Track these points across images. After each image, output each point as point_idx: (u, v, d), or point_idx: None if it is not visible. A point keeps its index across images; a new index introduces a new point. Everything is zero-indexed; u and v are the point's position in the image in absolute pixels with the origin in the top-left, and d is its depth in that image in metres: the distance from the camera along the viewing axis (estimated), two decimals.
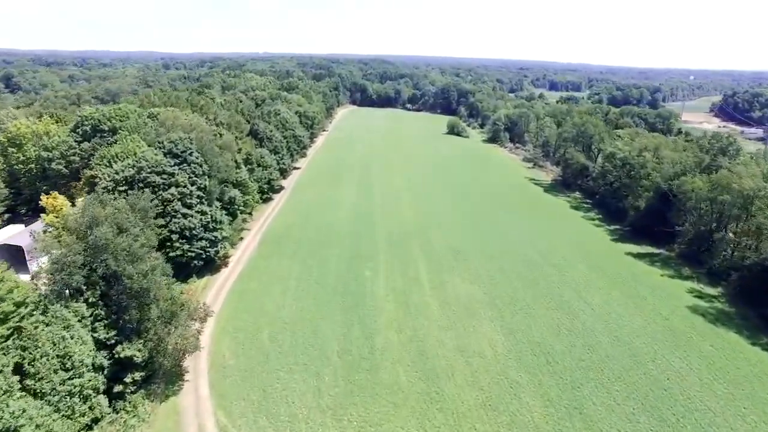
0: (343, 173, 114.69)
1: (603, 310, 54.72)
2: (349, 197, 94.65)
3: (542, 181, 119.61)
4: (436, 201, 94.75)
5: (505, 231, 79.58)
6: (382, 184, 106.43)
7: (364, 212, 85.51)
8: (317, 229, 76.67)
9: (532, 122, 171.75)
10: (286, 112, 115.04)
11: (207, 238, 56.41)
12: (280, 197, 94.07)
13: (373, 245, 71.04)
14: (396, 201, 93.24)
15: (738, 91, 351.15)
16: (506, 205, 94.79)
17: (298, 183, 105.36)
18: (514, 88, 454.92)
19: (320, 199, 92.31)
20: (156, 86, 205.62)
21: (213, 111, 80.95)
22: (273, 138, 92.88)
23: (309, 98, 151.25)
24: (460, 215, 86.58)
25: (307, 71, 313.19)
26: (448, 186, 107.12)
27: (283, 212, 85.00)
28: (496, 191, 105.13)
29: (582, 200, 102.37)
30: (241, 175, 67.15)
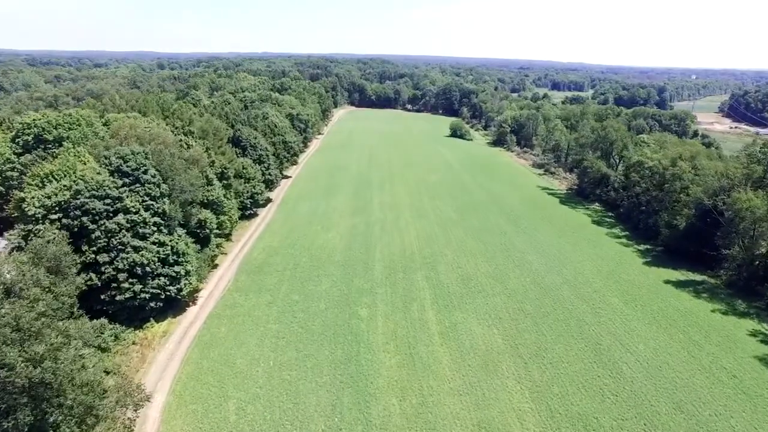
0: (338, 183, 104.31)
1: (652, 363, 44.36)
2: (345, 212, 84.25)
3: (556, 190, 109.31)
4: (442, 216, 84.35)
5: (522, 253, 69.22)
6: (381, 195, 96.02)
7: (360, 232, 75.11)
8: (306, 253, 66.29)
9: (541, 125, 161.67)
10: (275, 116, 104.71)
11: (166, 274, 46.08)
12: (265, 213, 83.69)
13: (371, 275, 60.67)
14: (397, 217, 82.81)
15: (749, 91, 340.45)
16: (521, 220, 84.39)
17: (287, 195, 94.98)
18: (516, 88, 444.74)
19: (311, 216, 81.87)
20: (144, 87, 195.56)
21: (188, 116, 70.64)
22: (258, 146, 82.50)
23: (302, 100, 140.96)
24: (470, 234, 76.20)
25: (304, 71, 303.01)
26: (455, 197, 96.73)
27: (269, 232, 74.59)
28: (507, 203, 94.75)
29: (603, 213, 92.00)
30: (213, 192, 56.80)
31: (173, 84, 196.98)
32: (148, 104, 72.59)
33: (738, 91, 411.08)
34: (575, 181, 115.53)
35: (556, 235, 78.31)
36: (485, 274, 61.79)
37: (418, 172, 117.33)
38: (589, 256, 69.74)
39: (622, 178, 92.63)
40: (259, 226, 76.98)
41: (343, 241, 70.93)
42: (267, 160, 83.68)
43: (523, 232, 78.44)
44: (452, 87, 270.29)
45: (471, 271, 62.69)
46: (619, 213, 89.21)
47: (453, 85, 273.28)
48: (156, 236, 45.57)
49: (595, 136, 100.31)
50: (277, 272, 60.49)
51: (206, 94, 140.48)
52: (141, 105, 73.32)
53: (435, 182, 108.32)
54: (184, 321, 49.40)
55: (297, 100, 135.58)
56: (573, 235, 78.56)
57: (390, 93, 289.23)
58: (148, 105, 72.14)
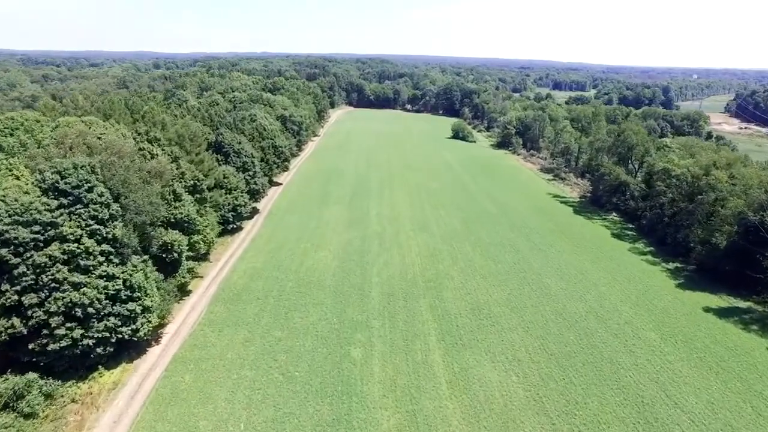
0: (333, 191, 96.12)
1: (711, 425, 36.26)
2: (339, 226, 76.07)
3: (568, 198, 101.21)
4: (447, 229, 76.20)
5: (538, 275, 61.14)
6: (379, 204, 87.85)
7: (356, 249, 66.95)
8: (293, 277, 58.12)
9: (548, 126, 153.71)
10: (265, 118, 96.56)
11: (118, 313, 37.94)
12: (251, 226, 75.51)
13: (366, 303, 52.53)
14: (397, 231, 74.64)
15: (757, 90, 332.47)
16: (533, 234, 76.31)
17: (276, 205, 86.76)
18: (518, 88, 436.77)
19: (301, 230, 73.68)
20: (133, 87, 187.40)
21: (160, 120, 62.46)
22: (242, 152, 74.30)
23: (296, 100, 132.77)
24: (479, 250, 68.10)
25: (301, 70, 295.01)
26: (459, 206, 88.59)
27: (252, 249, 66.40)
28: (517, 213, 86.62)
29: (622, 225, 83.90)
30: (182, 209, 48.64)
31: (163, 84, 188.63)
32: (114, 106, 64.44)
33: (743, 90, 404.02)
34: (588, 187, 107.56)
35: (574, 251, 70.24)
36: (498, 302, 53.68)
37: (419, 177, 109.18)
38: (613, 277, 61.65)
39: (642, 186, 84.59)
40: (243, 243, 68.78)
41: (336, 261, 62.75)
42: (252, 167, 75.50)
43: (537, 248, 70.35)
44: (453, 87, 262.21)
45: (482, 298, 54.56)
46: (640, 225, 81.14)
47: (454, 85, 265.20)
48: (104, 268, 37.40)
49: (613, 140, 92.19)
50: (258, 300, 52.31)
51: (194, 95, 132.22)
52: (106, 107, 65.22)
53: (437, 189, 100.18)
54: (142, 366, 41.21)
55: (290, 100, 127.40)
56: (592, 252, 70.49)
57: (389, 93, 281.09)
58: (114, 107, 64.02)
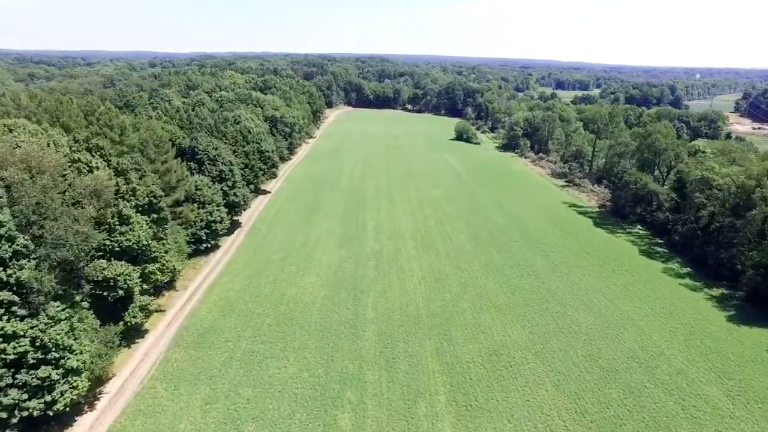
0: (325, 201, 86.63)
1: None
2: (330, 243, 66.58)
3: (586, 207, 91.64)
4: (454, 247, 66.72)
5: (563, 306, 51.71)
6: (377, 217, 78.35)
7: (348, 273, 57.48)
8: (272, 311, 48.69)
9: (558, 127, 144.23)
10: (250, 119, 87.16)
11: (24, 383, 28.56)
12: (230, 243, 66.06)
13: (359, 347, 43.11)
14: (396, 249, 65.15)
15: None
16: (552, 252, 66.87)
17: (261, 218, 77.23)
18: (520, 87, 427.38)
19: (287, 249, 64.17)
20: (120, 86, 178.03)
21: (117, 122, 53.00)
22: (218, 159, 64.86)
23: (288, 99, 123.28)
24: (492, 274, 58.64)
25: (298, 69, 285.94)
26: (467, 219, 79.08)
27: (228, 274, 56.91)
28: (532, 226, 77.11)
29: (650, 239, 74.38)
30: (132, 235, 39.23)
31: (151, 83, 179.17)
32: (63, 107, 54.86)
33: (751, 90, 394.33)
34: (607, 195, 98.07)
35: (600, 273, 60.78)
36: (519, 344, 44.25)
37: (421, 185, 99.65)
38: (651, 308, 52.17)
39: (673, 196, 75.09)
40: (218, 265, 59.32)
41: (325, 289, 53.29)
42: (231, 176, 66.03)
43: (557, 270, 60.88)
44: (455, 86, 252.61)
45: (498, 338, 45.14)
46: (671, 241, 71.57)
47: (456, 84, 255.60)
48: (9, 324, 28.01)
49: (637, 144, 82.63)
50: (227, 344, 42.89)
51: (179, 94, 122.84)
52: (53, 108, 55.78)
53: (442, 198, 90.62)
54: None
55: (282, 100, 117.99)
56: (621, 274, 60.99)
57: (389, 92, 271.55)
58: (62, 108, 54.52)
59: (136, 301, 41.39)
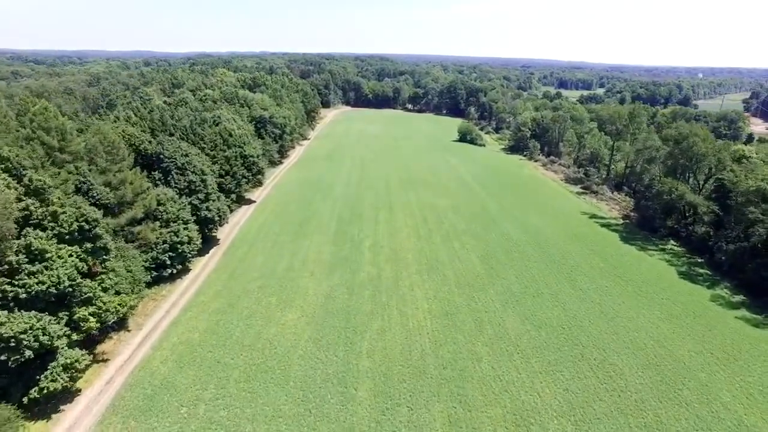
0: (316, 214, 76.90)
1: None
2: (319, 266, 56.83)
3: (608, 218, 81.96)
4: (464, 271, 56.97)
5: (602, 349, 42.11)
6: (375, 233, 68.66)
7: (339, 307, 47.80)
8: (241, 360, 39.02)
9: (570, 128, 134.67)
10: (233, 120, 77.54)
11: None
12: (201, 267, 56.38)
13: (349, 417, 33.41)
14: (397, 274, 55.45)
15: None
16: (578, 274, 57.28)
17: (242, 234, 67.53)
18: (523, 87, 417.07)
19: (267, 275, 54.41)
20: (106, 84, 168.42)
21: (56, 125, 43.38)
22: (188, 167, 55.19)
23: (279, 98, 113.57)
24: (511, 306, 49.00)
25: (294, 68, 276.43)
26: (477, 235, 69.41)
27: (195, 307, 47.24)
28: (551, 242, 67.48)
29: (688, 258, 64.73)
30: (48, 275, 29.59)
31: (137, 81, 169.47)
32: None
33: (759, 89, 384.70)
34: (629, 204, 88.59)
35: (638, 302, 51.16)
36: (554, 409, 34.64)
37: (424, 193, 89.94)
38: (712, 354, 42.47)
39: (715, 209, 65.49)
40: (184, 294, 49.66)
41: (310, 329, 43.66)
42: (203, 187, 56.35)
43: (587, 300, 51.29)
44: (458, 84, 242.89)
45: (527, 399, 35.51)
46: (714, 260, 62.12)
47: (458, 83, 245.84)
48: None
49: (670, 148, 72.95)
50: (179, 411, 33.26)
51: (161, 93, 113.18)
52: None
53: (448, 208, 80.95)
54: None
55: (271, 99, 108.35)
56: (663, 304, 51.34)
57: (389, 91, 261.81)
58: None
59: (60, 358, 31.79)
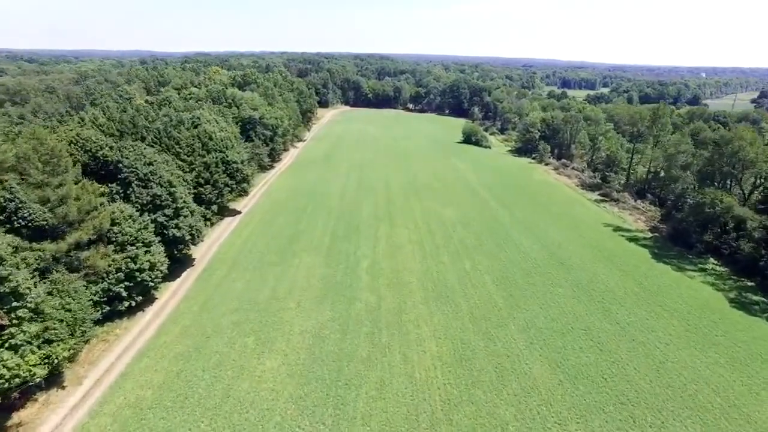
0: (309, 225, 68.39)
1: None
2: (307, 297, 48.28)
3: (634, 231, 73.38)
4: (480, 302, 48.44)
5: (657, 413, 33.59)
6: (374, 252, 60.11)
7: (330, 353, 39.27)
8: (207, 427, 30.63)
9: (582, 130, 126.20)
10: (215, 121, 69.10)
11: None
12: (170, 295, 47.86)
13: None
14: (399, 304, 46.97)
15: None
16: (611, 301, 48.85)
17: (221, 252, 58.93)
18: (526, 86, 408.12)
19: (245, 307, 45.90)
20: (91, 83, 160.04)
21: None
22: (152, 179, 46.68)
23: (270, 97, 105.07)
24: (539, 351, 40.45)
25: (292, 66, 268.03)
26: (490, 252, 60.86)
27: (152, 351, 38.72)
28: (576, 261, 58.96)
29: (736, 281, 56.11)
30: None
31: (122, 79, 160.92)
32: None
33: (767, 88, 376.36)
34: (655, 214, 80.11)
35: (689, 341, 42.66)
36: None
37: (428, 202, 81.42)
38: None
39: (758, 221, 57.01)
40: (144, 334, 41.17)
41: (293, 382, 35.15)
42: (171, 202, 47.85)
43: (627, 337, 42.83)
44: (460, 84, 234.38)
45: None
46: (766, 283, 53.70)
47: (461, 82, 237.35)
48: None
49: (710, 153, 64.42)
50: None
51: (143, 91, 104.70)
52: None
53: (456, 220, 72.45)
54: None
55: (262, 98, 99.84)
56: (718, 342, 42.83)
57: (389, 91, 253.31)
58: None
59: None
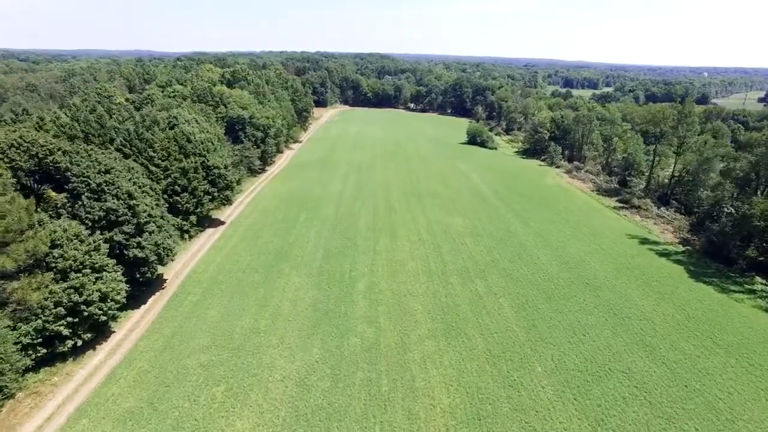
0: (299, 238, 60.79)
1: None
2: (292, 330, 40.67)
3: (662, 243, 65.69)
4: (497, 335, 40.82)
5: None
6: (372, 272, 52.55)
7: (316, 412, 31.63)
8: None
9: (595, 130, 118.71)
10: (194, 121, 61.60)
11: None
12: (130, 327, 40.28)
13: None
14: (403, 341, 39.32)
15: None
16: (654, 336, 41.36)
17: (198, 269, 51.30)
18: (528, 85, 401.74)
19: (218, 344, 38.18)
20: (76, 81, 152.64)
21: None
22: (107, 191, 39.14)
23: (262, 95, 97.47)
24: (573, 404, 32.85)
25: (290, 65, 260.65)
26: (505, 270, 53.29)
27: (94, 408, 31.09)
28: (603, 281, 51.42)
29: None
30: None
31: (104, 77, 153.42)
32: None
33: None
34: (684, 224, 72.48)
35: (756, 386, 35.11)
36: None
37: (433, 210, 73.90)
38: None
39: None
40: (89, 382, 33.52)
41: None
42: (131, 217, 40.29)
43: (679, 381, 35.28)
44: (463, 82, 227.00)
45: None
46: None
47: (464, 80, 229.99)
48: None
49: (756, 158, 56.82)
50: None
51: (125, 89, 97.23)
52: None
53: (464, 231, 64.88)
54: None
55: (252, 96, 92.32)
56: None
57: (390, 90, 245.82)
58: None
59: None
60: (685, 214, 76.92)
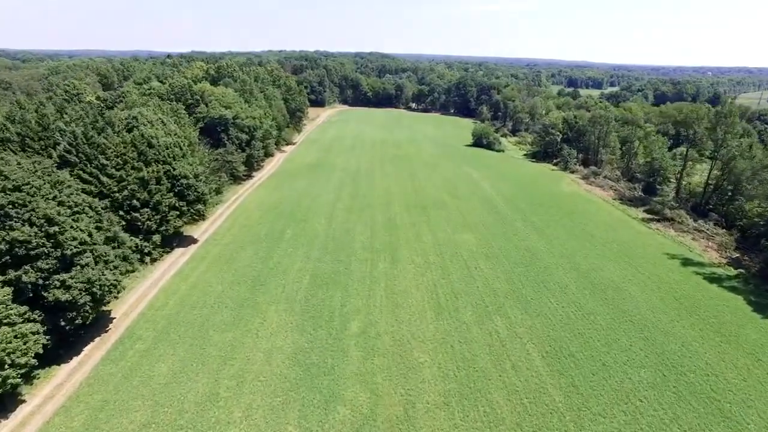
0: (282, 262, 51.33)
1: None
2: (261, 400, 31.31)
3: (708, 264, 56.16)
4: (531, 407, 31.42)
5: None
6: (368, 306, 43.14)
7: None
8: None
9: (612, 132, 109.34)
10: (160, 123, 52.32)
11: None
12: (42, 400, 30.95)
13: None
14: (408, 420, 29.93)
15: None
16: (724, 398, 32.09)
17: (152, 308, 41.79)
18: (532, 85, 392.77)
19: (158, 423, 28.95)
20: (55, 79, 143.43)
21: None
22: (18, 216, 29.77)
23: (248, 93, 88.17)
24: None
25: (286, 63, 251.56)
26: (535, 309, 43.89)
27: None
28: (652, 320, 42.05)
29: None
30: None
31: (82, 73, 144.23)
32: None
33: None
34: (729, 240, 63.01)
35: None
36: None
37: (440, 225, 64.44)
38: None
39: None
40: None
41: None
42: (52, 249, 30.91)
43: None
44: (467, 81, 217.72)
45: None
46: None
47: (468, 79, 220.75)
48: None
49: None
50: None
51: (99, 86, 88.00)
52: None
53: (477, 252, 55.44)
54: None
55: (237, 93, 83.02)
56: None
57: (390, 89, 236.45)
58: None
59: None
60: (727, 227, 67.55)
